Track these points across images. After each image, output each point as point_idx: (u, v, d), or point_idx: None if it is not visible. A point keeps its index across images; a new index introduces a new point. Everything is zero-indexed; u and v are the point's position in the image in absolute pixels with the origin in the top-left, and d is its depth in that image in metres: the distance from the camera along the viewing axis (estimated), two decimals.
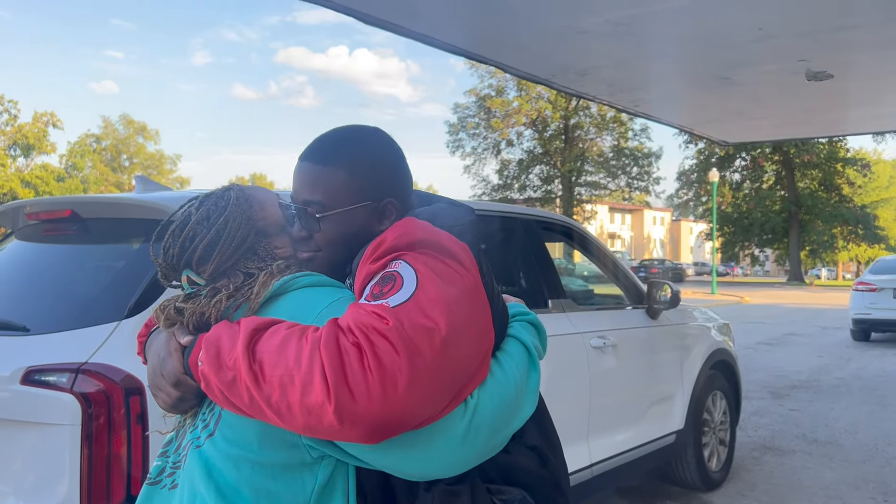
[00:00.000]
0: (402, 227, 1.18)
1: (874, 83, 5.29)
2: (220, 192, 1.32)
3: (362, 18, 3.80)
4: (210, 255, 1.24)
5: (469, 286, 1.12)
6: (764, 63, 4.68)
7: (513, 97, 44.95)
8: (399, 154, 1.36)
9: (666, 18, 3.78)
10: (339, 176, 1.26)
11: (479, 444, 1.10)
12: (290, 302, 1.19)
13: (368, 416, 0.97)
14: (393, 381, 0.97)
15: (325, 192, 1.26)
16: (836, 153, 45.08)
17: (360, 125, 1.36)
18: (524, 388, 1.18)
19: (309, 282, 1.22)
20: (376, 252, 1.15)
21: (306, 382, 0.99)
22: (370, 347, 0.99)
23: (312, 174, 1.28)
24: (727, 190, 48.15)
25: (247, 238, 1.28)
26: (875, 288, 13.01)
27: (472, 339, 1.08)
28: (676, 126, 7.68)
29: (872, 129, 12.32)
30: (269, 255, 1.29)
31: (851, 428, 6.43)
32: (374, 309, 1.04)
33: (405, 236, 1.15)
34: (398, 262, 1.11)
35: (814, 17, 3.73)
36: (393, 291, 1.06)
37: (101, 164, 57.18)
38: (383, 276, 1.10)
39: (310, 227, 1.28)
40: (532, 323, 1.33)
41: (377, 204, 1.28)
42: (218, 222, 1.26)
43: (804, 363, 10.54)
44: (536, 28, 4.01)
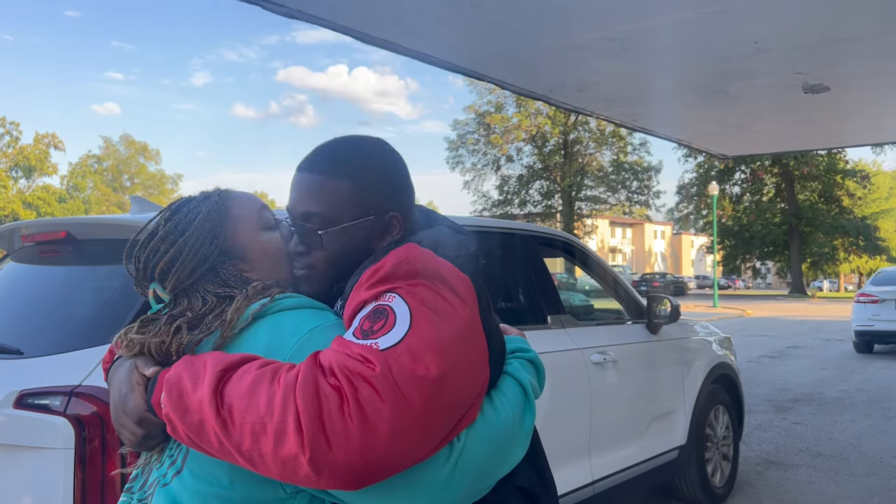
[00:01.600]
0: (402, 253, 1.09)
1: (872, 95, 5.30)
2: (196, 203, 1.25)
3: (360, 38, 3.82)
4: (169, 271, 1.18)
5: (466, 323, 1.05)
6: (761, 76, 4.69)
7: (512, 113, 45.12)
8: (403, 165, 1.29)
9: (662, 33, 3.79)
10: (342, 188, 1.19)
11: (463, 488, 1.04)
12: (268, 327, 1.11)
13: (346, 465, 0.91)
14: (374, 431, 0.91)
15: (327, 205, 1.19)
16: (836, 165, 45.14)
17: (362, 135, 1.30)
18: (517, 432, 1.12)
19: (289, 304, 1.14)
20: (372, 279, 1.07)
21: (279, 432, 0.91)
22: (352, 393, 0.91)
23: (313, 185, 1.20)
24: (727, 203, 48.18)
25: (208, 258, 1.20)
26: (877, 299, 12.97)
27: (465, 382, 1.01)
28: (675, 140, 7.70)
29: (871, 140, 12.35)
30: (232, 278, 1.20)
31: (856, 441, 6.38)
32: (361, 350, 0.96)
33: (404, 264, 1.07)
34: (392, 295, 1.03)
35: (809, 30, 3.74)
36: (384, 331, 0.98)
37: (103, 184, 57.37)
38: (375, 309, 1.02)
39: (309, 242, 1.21)
40: (531, 361, 1.26)
41: (381, 218, 1.21)
42: (179, 240, 1.19)
43: (807, 376, 10.49)
44: (533, 45, 4.03)
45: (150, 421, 1.10)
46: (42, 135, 49.59)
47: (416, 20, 3.60)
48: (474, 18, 3.61)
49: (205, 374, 1.00)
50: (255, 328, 1.11)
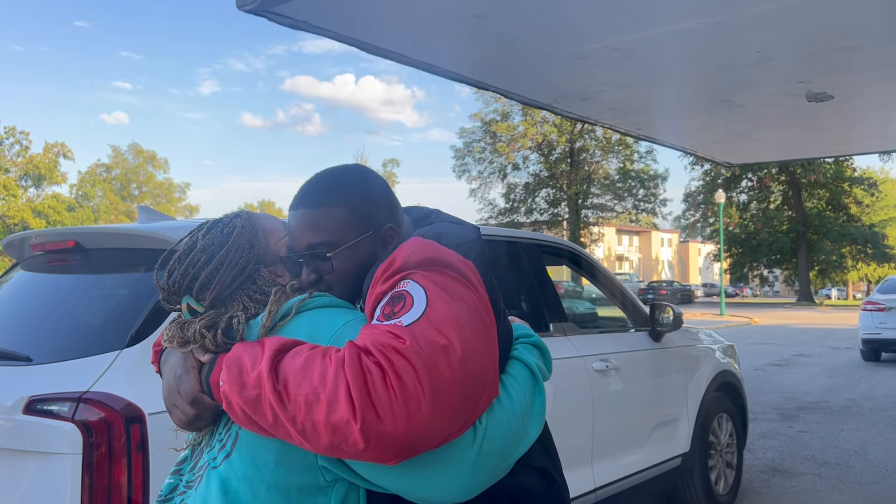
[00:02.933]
0: (410, 246, 1.20)
1: (877, 103, 5.31)
2: (228, 220, 1.34)
3: (366, 48, 3.86)
4: (210, 282, 1.25)
5: (476, 303, 1.15)
6: (764, 85, 4.71)
7: (518, 121, 45.18)
8: (384, 183, 1.41)
9: (665, 42, 3.82)
10: (338, 214, 1.30)
11: (488, 468, 1.12)
12: (304, 322, 1.20)
13: (394, 435, 0.99)
14: (417, 402, 1.00)
15: (329, 232, 1.29)
16: (843, 173, 45.01)
17: (340, 165, 1.41)
18: (530, 412, 1.20)
19: (322, 303, 1.24)
20: (386, 272, 1.17)
21: (332, 401, 1.00)
22: (391, 367, 1.00)
23: (312, 218, 1.31)
24: (734, 211, 48.07)
25: (247, 266, 1.29)
26: (884, 307, 12.92)
27: (483, 355, 1.10)
28: (679, 148, 7.71)
29: (878, 148, 12.33)
30: (268, 284, 1.30)
31: (861, 449, 6.36)
32: (389, 328, 1.06)
33: (414, 255, 1.17)
34: (406, 281, 1.13)
35: (811, 39, 3.76)
36: (404, 311, 1.08)
37: (112, 193, 57.67)
38: (393, 296, 1.12)
39: (320, 268, 1.30)
40: (536, 345, 1.34)
41: (378, 232, 1.33)
42: (220, 252, 1.27)
43: (813, 384, 10.45)
44: (537, 54, 4.06)
45: (204, 402, 1.20)
46: (51, 144, 49.92)
47: (420, 31, 3.64)
48: (478, 28, 3.65)
49: (263, 353, 1.09)
50: (291, 323, 1.20)
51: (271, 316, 1.20)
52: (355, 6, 3.12)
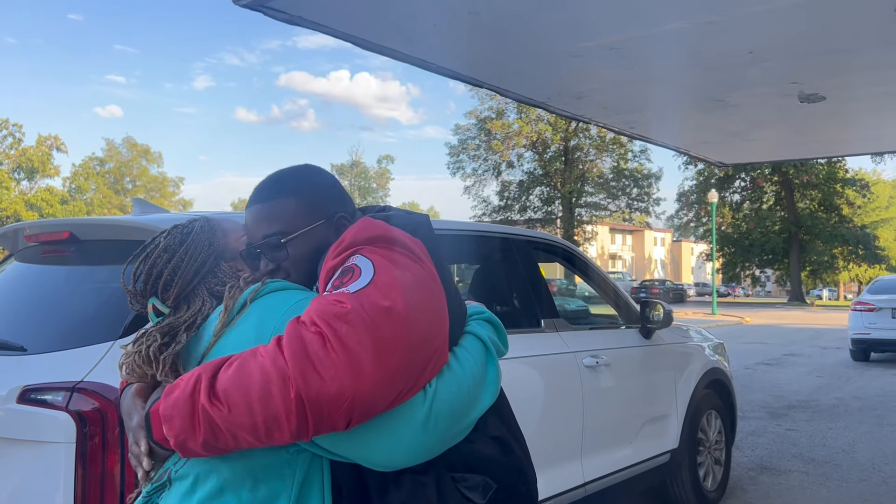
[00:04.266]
0: (358, 225, 1.26)
1: (869, 104, 5.34)
2: (187, 222, 1.41)
3: (361, 44, 3.87)
4: (172, 280, 1.31)
5: (423, 274, 1.20)
6: (757, 86, 4.74)
7: (513, 119, 45.20)
8: (332, 177, 1.47)
9: (659, 42, 3.84)
10: (288, 204, 1.37)
11: (439, 430, 1.16)
12: (258, 307, 1.24)
13: (340, 395, 1.02)
14: (358, 359, 1.03)
15: (281, 221, 1.35)
16: (836, 174, 45.18)
17: (289, 166, 1.48)
18: (482, 380, 1.25)
19: (275, 287, 1.28)
20: (336, 249, 1.23)
21: (282, 387, 1.02)
22: (332, 332, 1.03)
23: (264, 211, 1.37)
24: (727, 211, 48.22)
25: (206, 262, 1.35)
26: (874, 308, 13.00)
27: (430, 320, 1.14)
28: (673, 148, 7.74)
29: (871, 149, 12.39)
30: (229, 276, 1.36)
31: (849, 448, 6.42)
32: (336, 297, 1.09)
33: (362, 232, 1.23)
34: (355, 255, 1.18)
35: (804, 40, 3.79)
36: (352, 280, 1.12)
37: (105, 186, 57.41)
38: (342, 269, 1.17)
39: (276, 256, 1.35)
40: (488, 321, 1.40)
41: (330, 220, 1.39)
42: (179, 250, 1.34)
43: (803, 383, 10.52)
44: (531, 52, 4.08)
45: (161, 454, 1.22)
46: (44, 137, 49.67)
47: (415, 27, 3.65)
48: (473, 26, 3.66)
49: (193, 386, 1.09)
50: (247, 310, 1.24)
51: (228, 311, 1.24)
52: (350, 2, 3.14)
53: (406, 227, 1.30)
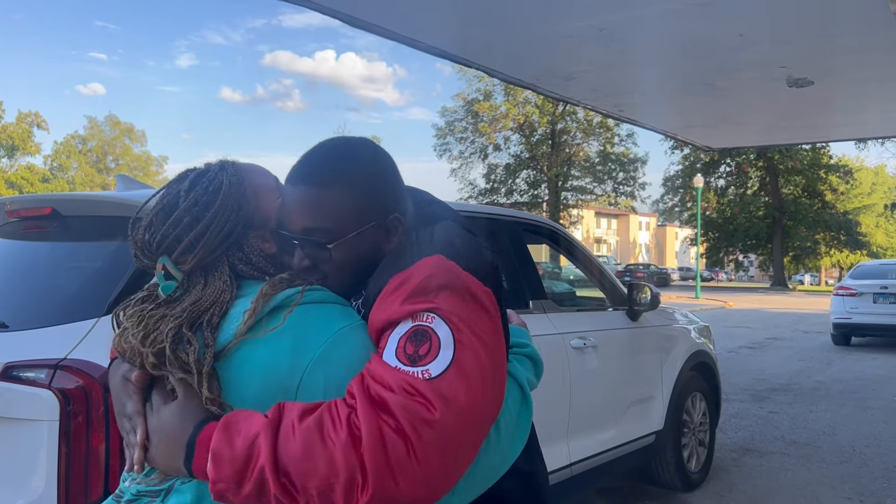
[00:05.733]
0: (429, 267, 1.10)
1: (855, 90, 5.37)
2: (213, 175, 1.19)
3: (349, 21, 3.83)
4: (194, 247, 1.13)
5: (495, 337, 1.10)
6: (746, 69, 4.74)
7: (500, 102, 45.07)
8: (393, 164, 1.28)
9: (649, 24, 3.83)
10: (342, 200, 1.17)
11: (471, 493, 1.12)
12: (294, 323, 1.08)
13: (410, 495, 0.96)
14: (437, 470, 0.98)
15: (328, 219, 1.17)
16: (820, 160, 45.52)
17: (347, 137, 1.28)
18: (514, 432, 1.16)
19: (316, 298, 1.12)
20: (401, 290, 1.08)
21: (348, 487, 0.95)
22: (417, 439, 0.96)
23: (312, 199, 1.18)
24: (712, 196, 48.46)
25: (234, 231, 1.16)
26: (855, 293, 13.15)
27: (497, 404, 1.09)
28: (660, 131, 7.76)
29: (855, 135, 12.46)
30: (255, 254, 1.18)
31: (830, 430, 6.50)
32: (414, 383, 0.99)
33: (434, 279, 1.08)
34: (431, 315, 1.05)
35: (794, 24, 3.79)
36: (430, 357, 1.02)
37: (87, 165, 56.84)
38: (416, 331, 1.04)
39: (316, 256, 1.19)
40: (530, 357, 1.31)
41: (383, 222, 1.21)
42: (207, 214, 1.14)
43: (785, 367, 10.64)
44: (521, 32, 4.05)
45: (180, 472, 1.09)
46: (25, 113, 49.03)
47: (404, 4, 3.61)
48: (463, 4, 3.63)
49: (252, 444, 0.98)
50: (283, 325, 1.07)
51: (256, 313, 1.07)
52: None
53: (477, 272, 1.14)
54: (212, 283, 1.13)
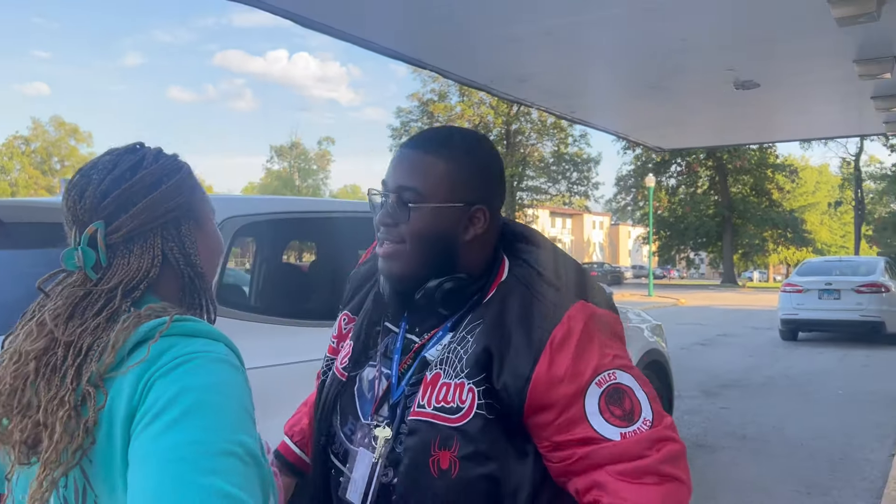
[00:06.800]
0: (586, 316, 1.17)
1: (799, 92, 5.50)
2: (174, 157, 1.10)
3: (300, 21, 3.77)
4: (140, 210, 0.99)
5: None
6: (693, 72, 4.82)
7: (455, 102, 45.21)
8: (501, 165, 1.32)
9: (599, 27, 3.86)
10: (440, 167, 1.22)
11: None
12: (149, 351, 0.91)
13: None
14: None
15: (422, 181, 1.21)
16: (767, 159, 46.73)
17: (470, 129, 1.36)
18: None
19: (184, 329, 0.95)
20: (566, 349, 1.13)
21: None
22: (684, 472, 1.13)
23: (415, 160, 1.23)
24: (663, 195, 49.34)
25: (179, 205, 1.05)
26: (801, 289, 13.51)
27: None
28: (612, 132, 7.85)
29: (799, 136, 12.80)
30: (189, 241, 1.05)
31: (779, 424, 6.67)
32: (652, 436, 1.12)
33: (604, 327, 1.19)
34: (613, 372, 1.14)
35: (739, 28, 3.86)
36: (637, 412, 1.12)
37: (31, 167, 55.16)
38: (613, 389, 1.13)
39: (398, 215, 1.22)
40: None
41: (467, 208, 1.23)
42: (166, 179, 1.03)
43: (736, 363, 10.88)
44: (474, 34, 4.05)
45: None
46: None
47: (356, 5, 3.58)
48: (415, 6, 3.61)
49: None
50: (143, 353, 0.91)
51: (116, 349, 0.91)
52: None
53: (609, 305, 1.27)
54: (134, 264, 1.00)
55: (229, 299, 2.83)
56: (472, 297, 1.24)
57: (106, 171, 1.02)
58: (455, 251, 1.23)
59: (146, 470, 0.82)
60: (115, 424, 0.89)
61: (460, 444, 1.13)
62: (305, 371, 2.71)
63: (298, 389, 2.65)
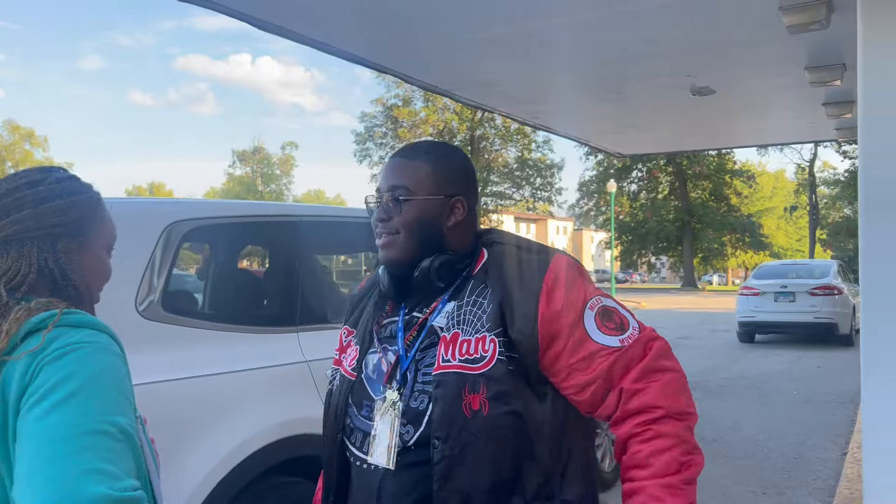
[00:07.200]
0: (563, 262, 1.45)
1: (755, 99, 5.61)
2: (78, 184, 1.26)
3: (259, 25, 3.73)
4: (21, 206, 1.16)
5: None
6: (653, 78, 4.88)
7: (420, 107, 45.22)
8: (475, 169, 1.62)
9: (561, 33, 3.89)
10: (425, 168, 1.49)
11: None
12: (35, 343, 1.06)
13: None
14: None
15: (410, 179, 1.48)
16: (725, 165, 47.64)
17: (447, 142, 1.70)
18: None
19: (72, 321, 1.10)
20: (555, 283, 1.40)
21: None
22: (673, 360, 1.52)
23: (403, 164, 1.51)
24: (625, 200, 49.97)
25: (62, 224, 1.19)
26: (758, 292, 13.78)
27: None
28: (574, 138, 7.91)
29: (756, 142, 13.06)
30: (63, 253, 1.19)
31: (735, 425, 6.78)
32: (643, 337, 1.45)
33: (574, 270, 1.45)
34: (599, 298, 1.44)
35: (694, 35, 3.93)
36: (626, 324, 1.43)
37: None
38: (603, 309, 1.42)
39: (391, 210, 1.47)
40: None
41: (448, 200, 1.49)
42: (57, 201, 1.19)
43: (694, 365, 11.04)
44: (436, 39, 4.05)
45: None
46: None
47: (316, 8, 3.55)
48: (377, 10, 3.60)
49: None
50: (38, 341, 1.06)
51: (9, 336, 1.05)
52: None
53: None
54: (13, 264, 1.14)
55: (179, 306, 2.77)
56: (461, 271, 1.48)
57: (12, 181, 1.20)
58: (441, 235, 1.48)
59: (26, 449, 0.94)
60: (8, 405, 1.01)
61: (487, 387, 1.32)
62: (258, 378, 2.68)
63: (252, 395, 2.63)
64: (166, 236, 2.57)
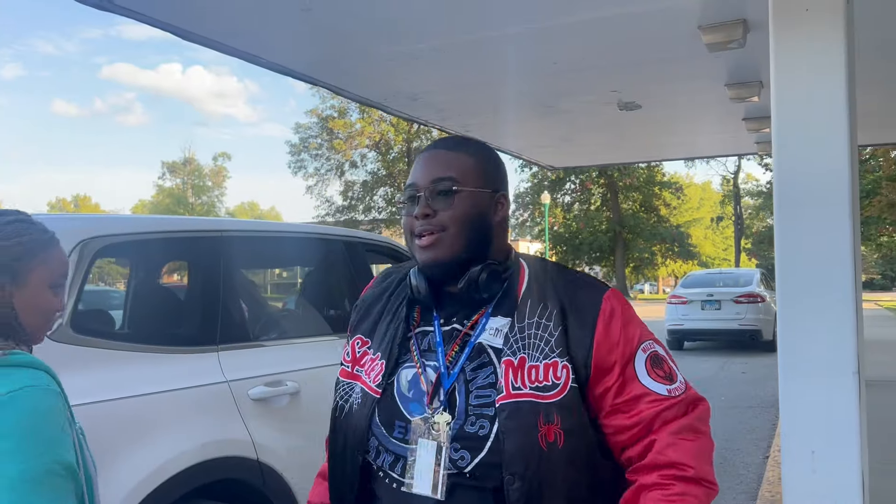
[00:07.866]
0: (617, 299, 1.41)
1: (680, 113, 5.79)
2: (26, 227, 1.34)
3: (184, 36, 3.65)
4: None
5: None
6: (581, 93, 4.98)
7: (355, 119, 45.03)
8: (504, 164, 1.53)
9: (489, 47, 3.93)
10: (469, 160, 1.39)
11: None
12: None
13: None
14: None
15: (457, 171, 1.36)
16: (654, 177, 48.97)
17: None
18: None
19: (15, 361, 1.19)
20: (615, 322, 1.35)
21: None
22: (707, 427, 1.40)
23: (446, 156, 1.39)
24: (559, 211, 50.80)
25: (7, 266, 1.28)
26: (686, 300, 14.17)
27: None
28: (506, 151, 7.99)
29: (682, 155, 13.45)
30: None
31: None
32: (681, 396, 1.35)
33: (628, 310, 1.42)
34: (651, 342, 1.39)
35: (620, 51, 4.02)
36: (674, 376, 1.37)
37: None
38: (654, 355, 1.37)
39: (438, 203, 1.34)
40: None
41: (495, 194, 1.41)
42: (8, 240, 1.28)
43: None
44: (364, 52, 4.03)
45: None
46: None
47: (243, 20, 3.50)
48: (306, 23, 3.56)
49: None
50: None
51: None
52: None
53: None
54: None
55: (91, 327, 2.67)
56: (504, 281, 1.38)
57: None
58: (490, 233, 1.38)
59: None
60: None
61: (561, 417, 1.25)
62: (174, 400, 2.58)
63: (167, 418, 2.54)
64: (78, 253, 2.46)
